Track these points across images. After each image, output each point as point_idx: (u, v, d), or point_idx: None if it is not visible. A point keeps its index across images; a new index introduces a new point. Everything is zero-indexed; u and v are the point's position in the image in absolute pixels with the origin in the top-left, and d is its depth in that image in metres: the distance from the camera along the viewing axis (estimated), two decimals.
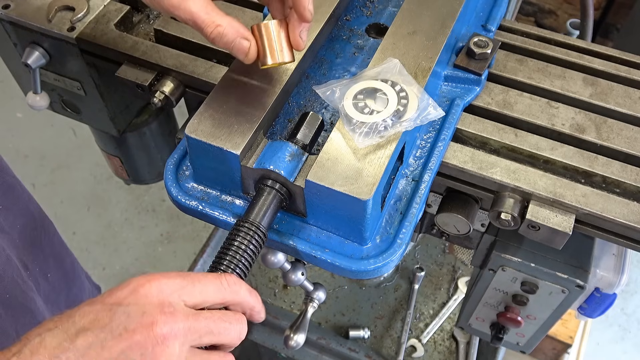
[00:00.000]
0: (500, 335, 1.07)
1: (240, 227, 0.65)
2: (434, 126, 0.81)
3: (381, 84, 0.71)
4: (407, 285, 1.76)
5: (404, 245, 0.71)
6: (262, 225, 0.66)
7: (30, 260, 0.83)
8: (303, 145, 0.71)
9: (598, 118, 0.83)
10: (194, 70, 0.88)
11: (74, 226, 2.61)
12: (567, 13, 2.75)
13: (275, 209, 0.69)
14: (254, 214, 0.66)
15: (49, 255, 0.89)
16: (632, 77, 0.88)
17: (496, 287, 0.99)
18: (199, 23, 0.63)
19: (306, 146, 0.71)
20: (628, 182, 0.77)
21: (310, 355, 1.64)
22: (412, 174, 0.77)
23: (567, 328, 1.71)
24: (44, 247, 0.88)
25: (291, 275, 0.80)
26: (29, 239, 0.84)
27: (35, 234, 0.86)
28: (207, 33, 0.64)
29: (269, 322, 1.61)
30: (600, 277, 0.91)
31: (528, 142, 0.81)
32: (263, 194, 0.68)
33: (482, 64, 0.84)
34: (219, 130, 0.69)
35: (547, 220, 0.76)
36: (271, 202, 0.68)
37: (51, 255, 0.90)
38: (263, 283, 1.75)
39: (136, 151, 1.29)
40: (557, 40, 0.94)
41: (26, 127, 2.92)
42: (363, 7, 0.94)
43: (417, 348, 1.66)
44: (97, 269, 2.52)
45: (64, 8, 0.95)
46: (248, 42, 0.66)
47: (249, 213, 0.67)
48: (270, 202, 0.68)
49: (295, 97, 0.82)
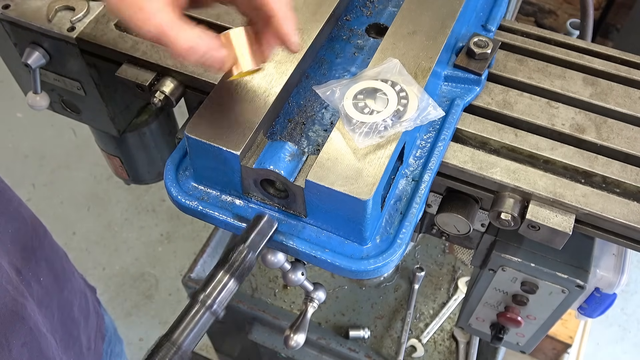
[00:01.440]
0: (500, 335, 1.07)
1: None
2: (434, 126, 0.81)
3: (381, 84, 0.71)
4: (407, 285, 1.75)
5: (404, 245, 0.71)
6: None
7: (23, 265, 0.83)
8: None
9: (598, 118, 0.83)
10: (194, 70, 0.88)
11: (74, 226, 2.61)
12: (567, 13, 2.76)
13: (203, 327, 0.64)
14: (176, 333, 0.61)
15: (41, 259, 0.89)
16: (632, 77, 0.88)
17: (496, 287, 0.99)
18: (165, 39, 0.58)
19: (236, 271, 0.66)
20: (628, 182, 0.77)
21: (310, 355, 1.64)
22: (412, 174, 0.77)
23: (567, 328, 1.71)
24: (36, 251, 0.88)
25: (291, 275, 0.80)
26: (21, 243, 0.84)
27: (28, 238, 0.86)
28: (177, 49, 0.59)
29: (269, 322, 1.61)
30: (600, 277, 0.91)
31: (528, 142, 0.81)
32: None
33: (482, 64, 0.84)
34: (219, 130, 0.69)
35: (547, 220, 0.76)
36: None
37: (43, 259, 0.89)
38: (263, 283, 1.75)
39: (136, 151, 1.29)
40: (557, 40, 0.94)
41: (26, 127, 2.93)
42: (363, 7, 0.94)
43: (417, 348, 1.66)
44: (97, 269, 2.52)
45: (64, 8, 0.95)
46: (223, 51, 0.62)
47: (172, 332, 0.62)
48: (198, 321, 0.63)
49: (295, 97, 0.82)
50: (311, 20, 0.82)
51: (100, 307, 1.13)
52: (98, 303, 1.13)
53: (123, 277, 2.51)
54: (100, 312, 1.11)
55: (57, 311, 0.90)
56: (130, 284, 2.50)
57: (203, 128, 0.70)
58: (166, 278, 2.51)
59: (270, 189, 0.72)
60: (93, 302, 1.08)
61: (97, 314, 1.08)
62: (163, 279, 2.51)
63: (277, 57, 0.77)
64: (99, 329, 1.07)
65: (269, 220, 0.69)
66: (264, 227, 0.68)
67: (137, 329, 2.39)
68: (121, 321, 2.39)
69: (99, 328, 1.08)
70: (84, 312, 1.00)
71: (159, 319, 2.40)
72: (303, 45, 0.79)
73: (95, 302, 1.10)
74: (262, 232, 0.68)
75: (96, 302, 1.11)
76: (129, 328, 2.38)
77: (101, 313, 1.11)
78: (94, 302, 1.09)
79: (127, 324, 2.40)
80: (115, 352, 1.17)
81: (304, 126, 0.79)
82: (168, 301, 2.45)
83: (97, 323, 1.07)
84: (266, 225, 0.68)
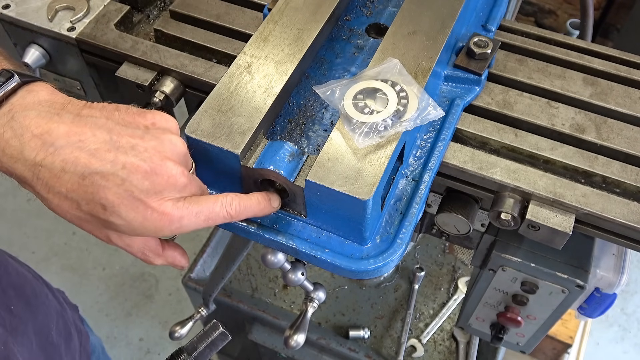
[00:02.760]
0: (500, 335, 1.07)
1: None
2: (434, 126, 0.81)
3: (381, 84, 0.71)
4: (407, 285, 1.75)
5: (404, 245, 0.71)
6: None
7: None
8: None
9: (598, 118, 0.83)
10: (194, 70, 0.88)
11: (74, 226, 2.60)
12: (567, 13, 2.76)
13: None
14: None
15: (7, 287, 0.86)
16: (632, 77, 0.88)
17: (496, 287, 0.99)
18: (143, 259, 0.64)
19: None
20: (628, 182, 0.77)
21: (310, 355, 1.64)
22: (412, 174, 0.77)
23: (567, 328, 1.71)
24: (0, 280, 0.86)
25: (291, 275, 0.80)
26: None
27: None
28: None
29: (269, 322, 1.61)
30: (600, 277, 0.91)
31: (528, 142, 0.81)
32: None
33: (482, 64, 0.84)
34: (219, 130, 0.69)
35: (547, 220, 0.76)
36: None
37: (9, 286, 0.87)
38: (263, 283, 1.75)
39: None
40: (557, 40, 0.94)
41: None
42: (363, 7, 0.94)
43: (417, 348, 1.66)
44: (97, 269, 2.52)
45: (64, 8, 0.95)
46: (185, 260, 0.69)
47: None
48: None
49: (295, 97, 0.82)
50: (311, 20, 0.82)
51: (84, 325, 1.10)
52: (81, 321, 1.10)
53: (123, 277, 2.51)
54: (84, 330, 1.08)
55: (35, 337, 0.87)
56: (130, 284, 2.49)
57: (203, 128, 0.70)
58: (166, 278, 2.51)
59: (271, 189, 0.72)
60: (75, 321, 1.05)
61: (80, 333, 1.05)
62: (163, 279, 2.51)
63: (278, 57, 0.77)
64: (83, 348, 1.04)
65: (222, 334, 0.68)
66: (217, 339, 0.68)
67: (137, 329, 2.39)
68: (121, 321, 2.39)
69: (84, 347, 1.05)
70: (63, 334, 0.97)
71: (159, 319, 2.40)
72: (303, 45, 0.80)
73: (78, 321, 1.07)
74: (213, 345, 0.68)
75: (79, 320, 1.08)
76: (129, 328, 2.38)
77: (85, 331, 1.08)
78: (76, 321, 1.06)
79: (127, 324, 2.39)
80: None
81: (304, 126, 0.79)
82: (168, 301, 2.45)
83: (81, 343, 1.04)
84: (219, 338, 0.68)
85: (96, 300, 2.43)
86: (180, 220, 0.56)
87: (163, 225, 0.56)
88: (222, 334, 0.68)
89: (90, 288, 2.48)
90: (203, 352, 0.67)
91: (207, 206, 0.59)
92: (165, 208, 0.55)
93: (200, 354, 0.67)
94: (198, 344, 0.67)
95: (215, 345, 0.68)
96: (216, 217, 0.60)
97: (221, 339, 0.68)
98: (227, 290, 1.65)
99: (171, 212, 0.56)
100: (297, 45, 0.80)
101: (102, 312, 2.41)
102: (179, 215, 0.56)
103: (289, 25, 0.81)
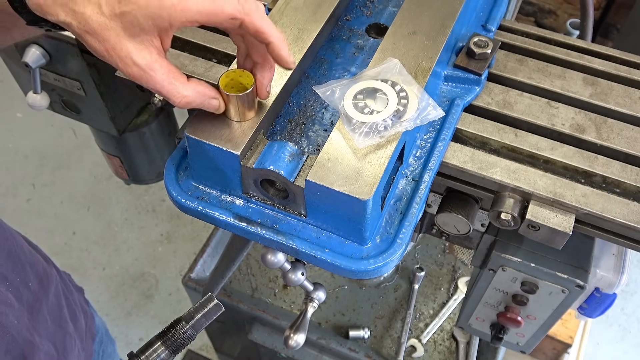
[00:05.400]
0: (500, 335, 1.07)
1: None
2: (434, 126, 0.81)
3: (381, 84, 0.71)
4: (407, 285, 1.75)
5: (404, 245, 0.71)
6: None
7: (9, 271, 0.82)
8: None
9: (598, 118, 0.83)
10: (194, 70, 0.88)
11: (74, 226, 2.61)
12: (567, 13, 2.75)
13: None
14: None
15: (26, 263, 0.88)
16: (632, 77, 0.88)
17: (496, 287, 0.99)
18: (164, 93, 0.63)
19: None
20: (628, 182, 0.77)
21: (310, 355, 1.64)
22: (412, 174, 0.77)
23: (567, 328, 1.71)
24: (19, 255, 0.87)
25: (291, 275, 0.80)
26: (4, 250, 0.83)
27: (9, 245, 0.85)
28: (176, 103, 0.64)
29: (269, 322, 1.61)
30: (600, 277, 0.91)
31: (528, 142, 0.81)
32: None
33: (482, 64, 0.84)
34: (219, 130, 0.70)
35: (547, 220, 0.76)
36: None
37: (27, 263, 0.88)
38: (263, 283, 1.75)
39: (136, 151, 1.29)
40: (557, 40, 0.94)
41: (26, 127, 2.93)
42: (363, 7, 0.94)
43: (417, 348, 1.66)
44: (97, 269, 2.52)
45: None
46: (217, 100, 0.67)
47: None
48: None
49: (295, 97, 0.82)
50: (311, 20, 0.82)
51: (89, 307, 1.12)
52: (86, 303, 1.12)
53: (123, 277, 2.51)
54: (89, 311, 1.10)
55: (49, 316, 0.89)
56: (130, 284, 2.49)
57: (203, 128, 0.70)
58: (166, 278, 2.51)
59: (270, 189, 0.72)
60: (81, 302, 1.07)
61: (86, 314, 1.07)
62: (163, 279, 2.51)
63: None
64: (88, 329, 1.06)
65: (217, 305, 0.73)
66: (211, 310, 0.73)
67: (137, 329, 2.39)
68: (121, 321, 2.40)
69: (89, 328, 1.07)
70: (70, 314, 0.99)
71: (159, 319, 2.40)
72: (303, 45, 0.80)
73: (84, 303, 1.09)
74: (208, 315, 0.73)
75: (84, 302, 1.10)
76: (129, 328, 2.38)
77: (90, 312, 1.10)
78: (82, 303, 1.08)
79: (127, 324, 2.40)
80: (108, 352, 1.16)
81: (304, 126, 0.79)
82: (168, 301, 2.45)
83: (87, 323, 1.06)
84: (213, 309, 0.73)
85: (96, 300, 2.43)
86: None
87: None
88: (217, 305, 0.73)
89: (90, 288, 2.48)
90: (199, 321, 0.72)
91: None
92: None
93: (196, 322, 0.72)
94: (195, 314, 0.72)
95: (209, 315, 0.73)
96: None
97: (215, 310, 0.73)
98: (227, 290, 1.66)
99: None
100: (297, 45, 0.80)
101: (102, 312, 2.41)
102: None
103: (289, 25, 0.81)
